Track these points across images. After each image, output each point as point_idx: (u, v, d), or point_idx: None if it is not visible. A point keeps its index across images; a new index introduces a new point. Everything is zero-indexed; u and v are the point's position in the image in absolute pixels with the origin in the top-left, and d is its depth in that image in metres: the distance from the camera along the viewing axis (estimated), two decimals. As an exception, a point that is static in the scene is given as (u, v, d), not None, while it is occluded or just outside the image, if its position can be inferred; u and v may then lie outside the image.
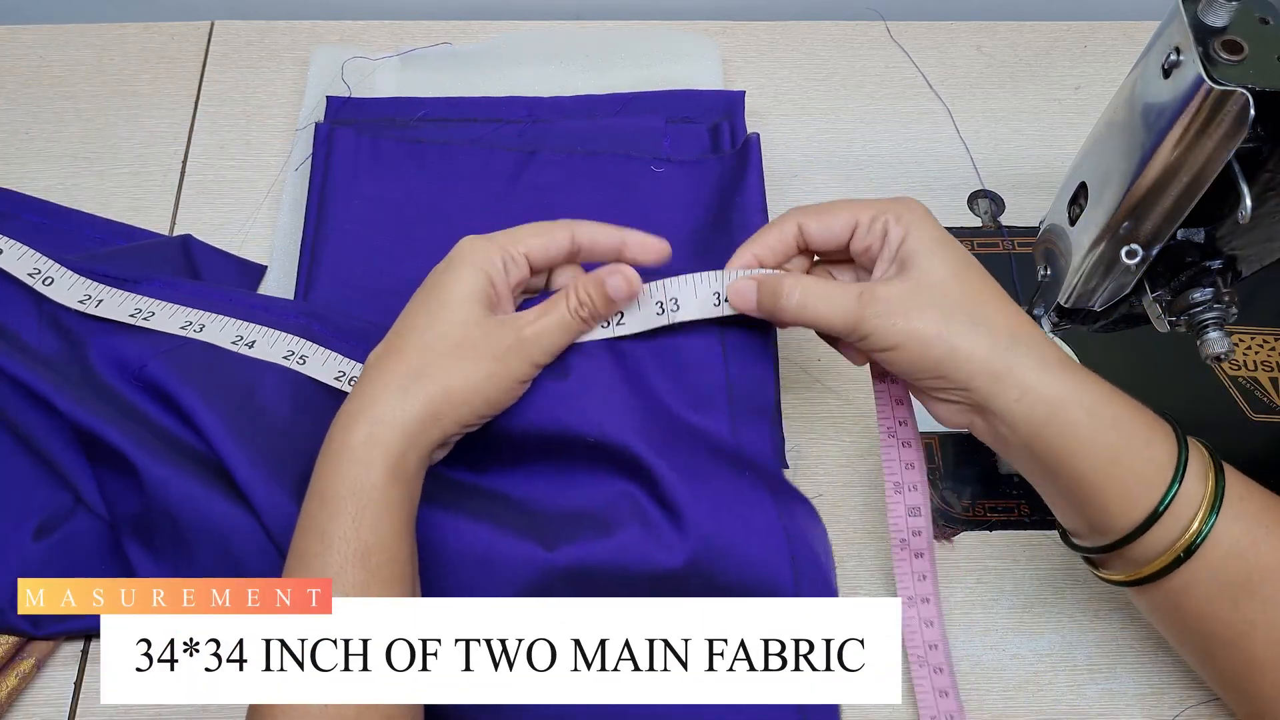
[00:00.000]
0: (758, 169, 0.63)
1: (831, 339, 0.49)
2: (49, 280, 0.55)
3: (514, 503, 0.51)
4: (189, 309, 0.56)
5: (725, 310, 0.49)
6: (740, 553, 0.49)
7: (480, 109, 0.68)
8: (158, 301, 0.56)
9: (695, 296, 0.49)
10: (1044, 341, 0.44)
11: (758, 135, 0.64)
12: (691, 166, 0.65)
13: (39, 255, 0.56)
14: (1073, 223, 0.49)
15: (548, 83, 0.69)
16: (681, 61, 0.71)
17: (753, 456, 0.51)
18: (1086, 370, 0.44)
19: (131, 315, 0.55)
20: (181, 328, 0.55)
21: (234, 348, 0.54)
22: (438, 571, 0.48)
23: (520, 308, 0.48)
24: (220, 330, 0.55)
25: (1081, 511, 0.44)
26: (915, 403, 0.49)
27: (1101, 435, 0.42)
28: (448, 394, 0.43)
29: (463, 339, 0.44)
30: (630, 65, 0.70)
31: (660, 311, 0.49)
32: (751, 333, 0.52)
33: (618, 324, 0.49)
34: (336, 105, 0.67)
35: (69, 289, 0.55)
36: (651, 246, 0.48)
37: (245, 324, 0.56)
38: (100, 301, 0.55)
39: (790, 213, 0.48)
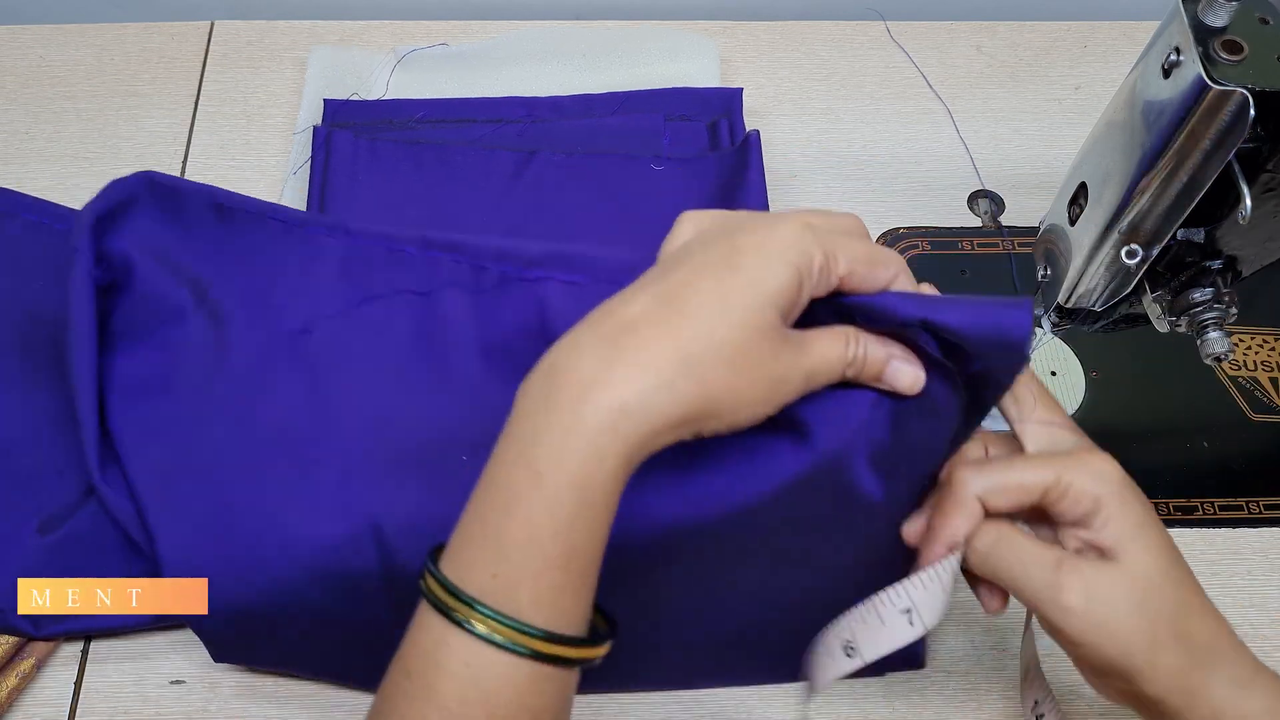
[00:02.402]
0: (758, 166, 0.63)
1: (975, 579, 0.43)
2: None
3: None
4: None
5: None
6: None
7: (479, 110, 0.68)
8: None
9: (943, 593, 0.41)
10: (1242, 652, 0.40)
11: (757, 133, 0.64)
12: (691, 164, 0.65)
13: None
14: (1073, 223, 0.49)
15: (545, 82, 0.69)
16: (679, 60, 0.71)
17: None
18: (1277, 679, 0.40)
19: None
20: None
21: None
22: None
23: None
24: None
25: None
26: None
27: None
28: (715, 405, 0.35)
29: (747, 347, 0.35)
30: (628, 64, 0.70)
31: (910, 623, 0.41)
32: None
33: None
34: (334, 108, 0.67)
35: None
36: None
37: None
38: None
39: (962, 478, 0.40)
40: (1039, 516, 0.41)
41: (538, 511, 0.34)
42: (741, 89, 0.68)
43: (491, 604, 0.34)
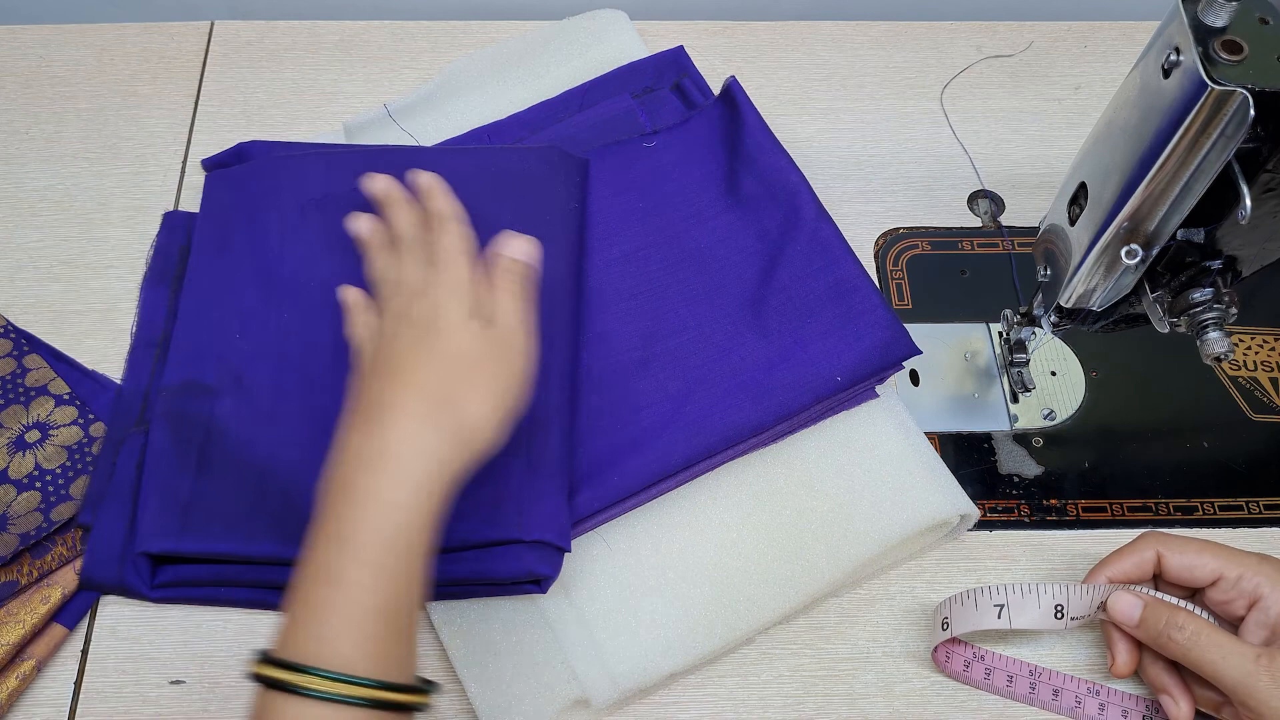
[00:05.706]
0: (750, 108, 0.63)
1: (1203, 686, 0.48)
2: None
3: None
4: None
5: (1067, 625, 0.49)
6: None
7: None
8: None
9: (1037, 607, 0.49)
10: None
11: (734, 78, 0.64)
12: (681, 129, 0.65)
13: None
14: (1073, 223, 0.49)
15: (492, 106, 0.68)
16: (605, 41, 0.70)
17: None
18: None
19: None
20: None
21: None
22: None
23: None
24: None
25: None
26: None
27: None
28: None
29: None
30: (560, 62, 0.70)
31: (998, 616, 0.49)
32: None
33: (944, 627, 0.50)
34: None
35: None
36: None
37: None
38: None
39: (1148, 538, 0.49)
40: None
41: (344, 569, 0.38)
42: (681, 47, 0.69)
43: (319, 664, 0.36)
